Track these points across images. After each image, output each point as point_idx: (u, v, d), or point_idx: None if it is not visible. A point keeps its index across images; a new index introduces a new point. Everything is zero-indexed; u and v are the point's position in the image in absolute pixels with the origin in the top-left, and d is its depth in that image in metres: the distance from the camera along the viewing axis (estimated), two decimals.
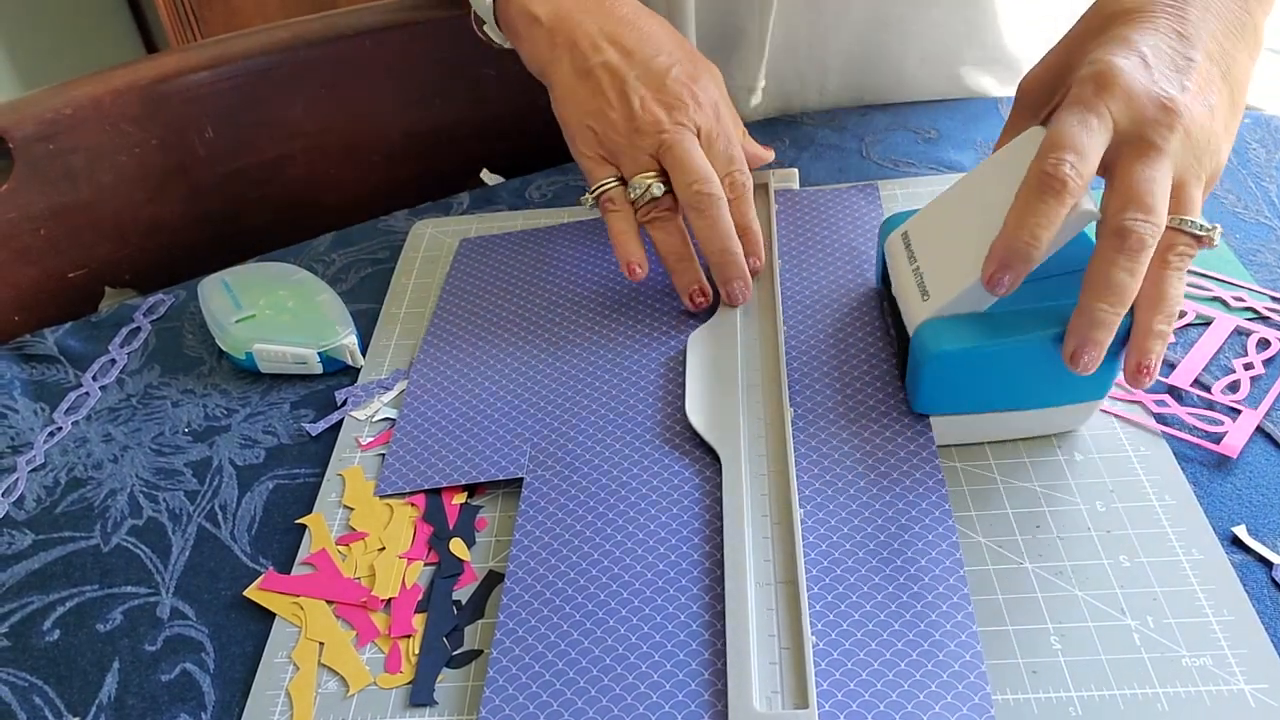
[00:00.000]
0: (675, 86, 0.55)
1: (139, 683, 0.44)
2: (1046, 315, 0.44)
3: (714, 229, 0.53)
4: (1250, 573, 0.42)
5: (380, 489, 0.50)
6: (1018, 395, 0.46)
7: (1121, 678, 0.39)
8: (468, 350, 0.58)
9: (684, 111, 0.55)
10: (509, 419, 0.52)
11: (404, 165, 0.85)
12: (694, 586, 0.43)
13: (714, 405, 0.50)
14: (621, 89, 0.55)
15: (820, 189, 0.65)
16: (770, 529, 0.44)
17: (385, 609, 0.45)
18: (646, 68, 0.56)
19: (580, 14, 0.57)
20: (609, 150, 0.56)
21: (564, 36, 0.57)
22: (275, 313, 0.60)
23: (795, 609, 0.41)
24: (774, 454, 0.47)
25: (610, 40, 0.57)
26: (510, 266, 0.64)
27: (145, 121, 0.74)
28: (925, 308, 0.46)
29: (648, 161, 0.55)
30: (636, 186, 0.54)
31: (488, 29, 0.62)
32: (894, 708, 0.38)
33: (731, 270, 0.54)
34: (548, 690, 0.40)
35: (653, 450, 0.49)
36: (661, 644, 0.41)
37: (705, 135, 0.55)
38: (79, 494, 0.54)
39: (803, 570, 0.42)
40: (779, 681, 0.38)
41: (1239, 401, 0.50)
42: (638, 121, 0.54)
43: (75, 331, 0.66)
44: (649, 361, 0.54)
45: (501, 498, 0.50)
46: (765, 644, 0.40)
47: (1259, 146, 0.68)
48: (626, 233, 0.55)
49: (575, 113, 0.56)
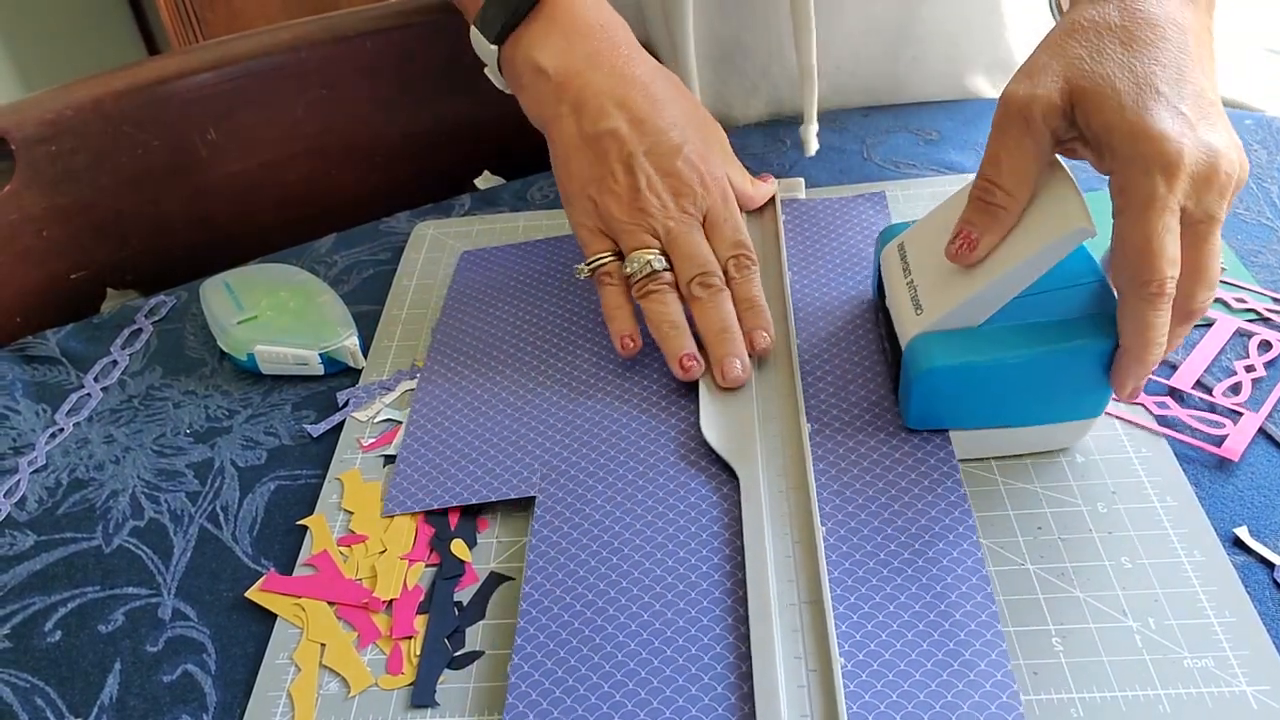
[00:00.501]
0: (685, 170, 0.53)
1: (140, 684, 0.44)
2: (1041, 332, 0.44)
3: (714, 313, 0.51)
4: (1252, 574, 0.42)
5: (388, 509, 0.49)
6: (1010, 412, 0.46)
7: (1123, 679, 0.39)
8: (472, 367, 0.56)
9: (691, 199, 0.53)
10: (518, 436, 0.51)
11: (405, 166, 0.85)
12: (716, 608, 0.42)
13: (729, 421, 0.49)
14: (628, 163, 0.53)
15: (827, 199, 0.65)
16: (791, 548, 0.43)
17: (387, 610, 0.45)
18: (657, 142, 0.53)
19: (590, 71, 0.54)
20: (606, 223, 0.54)
21: (572, 94, 0.54)
22: (277, 314, 0.60)
23: (822, 629, 0.39)
24: (792, 470, 0.46)
25: (620, 105, 0.54)
26: (512, 281, 0.62)
27: (147, 123, 0.74)
28: (918, 322, 0.46)
29: (647, 239, 0.53)
30: (635, 260, 0.52)
31: (488, 72, 0.60)
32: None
33: (727, 348, 0.51)
34: (569, 717, 0.39)
35: (667, 467, 0.48)
36: (686, 668, 0.40)
37: (710, 220, 0.54)
38: (81, 495, 0.54)
39: (828, 590, 0.41)
40: (808, 705, 0.37)
41: (1241, 404, 0.50)
42: (642, 202, 0.52)
43: (77, 333, 0.66)
44: (660, 377, 0.53)
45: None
46: (792, 666, 0.39)
47: (1260, 148, 0.68)
48: (622, 307, 0.53)
49: (575, 179, 0.54)
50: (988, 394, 0.45)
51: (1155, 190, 0.39)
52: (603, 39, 0.56)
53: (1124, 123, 0.40)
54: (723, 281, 0.52)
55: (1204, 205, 0.40)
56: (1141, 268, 0.40)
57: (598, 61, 0.55)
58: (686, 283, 0.52)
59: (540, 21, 0.56)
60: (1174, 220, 0.40)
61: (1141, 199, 0.39)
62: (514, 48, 0.56)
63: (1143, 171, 0.39)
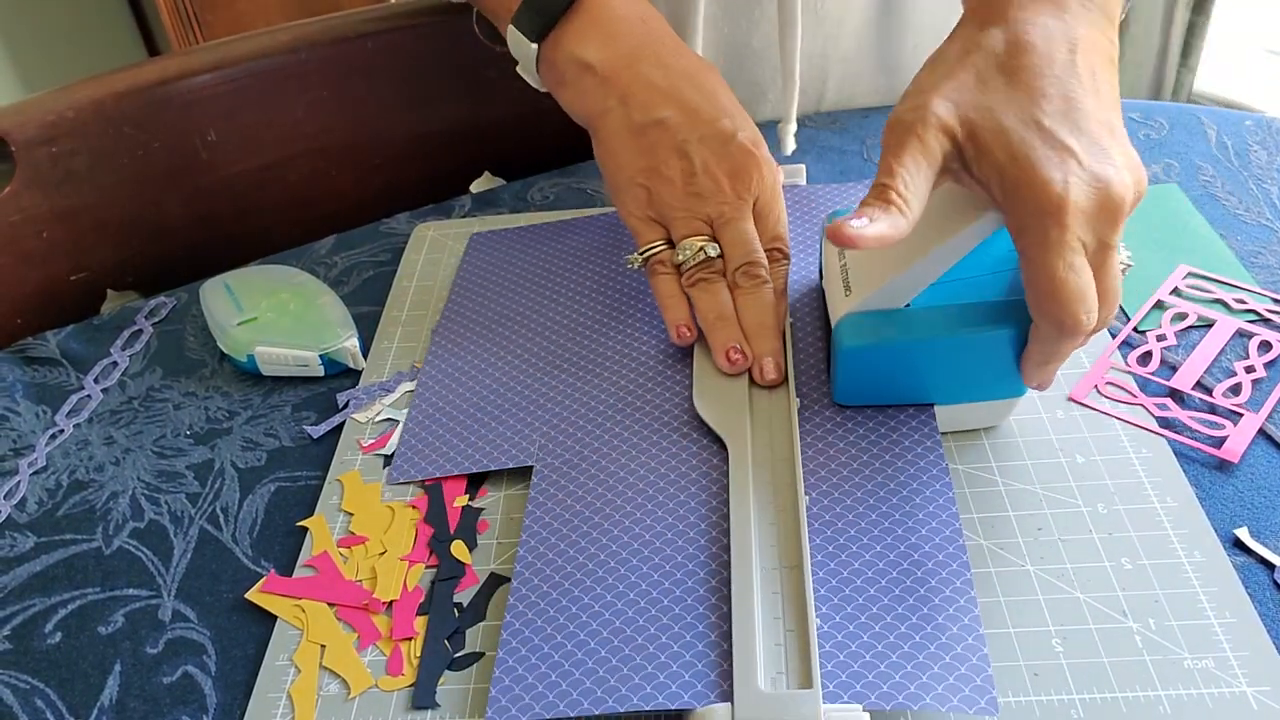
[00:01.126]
0: (740, 154, 0.53)
1: (140, 685, 0.44)
2: (964, 313, 0.45)
3: (756, 305, 0.52)
4: (1252, 575, 0.42)
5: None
6: (934, 390, 0.48)
7: (1123, 680, 0.39)
8: (478, 341, 0.58)
9: (747, 183, 0.53)
10: (519, 408, 0.53)
11: (406, 167, 0.85)
12: (701, 571, 0.43)
13: (721, 395, 0.50)
14: (682, 149, 0.53)
15: (827, 186, 0.66)
16: (776, 515, 0.45)
17: (387, 611, 0.45)
18: (710, 129, 0.53)
19: (637, 64, 0.54)
20: (658, 211, 0.54)
21: (620, 87, 0.54)
22: (277, 315, 0.60)
23: (800, 592, 0.41)
24: (780, 442, 0.48)
25: (669, 95, 0.54)
26: (520, 259, 0.64)
27: (147, 124, 0.74)
28: (847, 302, 0.47)
29: (700, 225, 0.53)
30: (688, 247, 0.52)
31: (521, 70, 0.59)
32: (897, 688, 0.38)
33: (767, 349, 0.51)
34: (556, 671, 0.41)
35: (660, 439, 0.50)
36: (669, 626, 0.42)
37: (760, 208, 0.54)
38: (81, 496, 0.54)
39: (808, 555, 0.42)
40: (784, 663, 0.39)
41: (1241, 405, 0.50)
42: (696, 186, 0.53)
43: (77, 334, 0.66)
44: (657, 352, 0.55)
45: (504, 500, 0.50)
46: (770, 626, 0.40)
47: (1260, 149, 0.68)
48: (675, 295, 0.53)
49: (625, 169, 0.54)
50: (908, 372, 0.47)
51: (1048, 235, 0.39)
52: (644, 32, 0.56)
53: (1010, 170, 0.40)
54: (769, 273, 0.53)
55: (1098, 235, 0.40)
56: (1052, 308, 0.40)
57: (642, 54, 0.55)
58: (734, 270, 0.53)
59: (580, 18, 0.56)
60: (1076, 257, 0.40)
61: (1038, 244, 0.40)
62: (554, 46, 0.56)
63: (1034, 217, 0.39)
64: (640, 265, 0.55)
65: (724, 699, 0.38)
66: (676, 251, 0.53)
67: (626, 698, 0.39)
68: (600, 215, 0.67)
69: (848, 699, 0.38)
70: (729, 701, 0.38)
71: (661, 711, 0.40)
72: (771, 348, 0.51)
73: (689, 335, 0.53)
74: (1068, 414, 0.50)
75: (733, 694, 0.38)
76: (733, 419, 0.49)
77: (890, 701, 0.37)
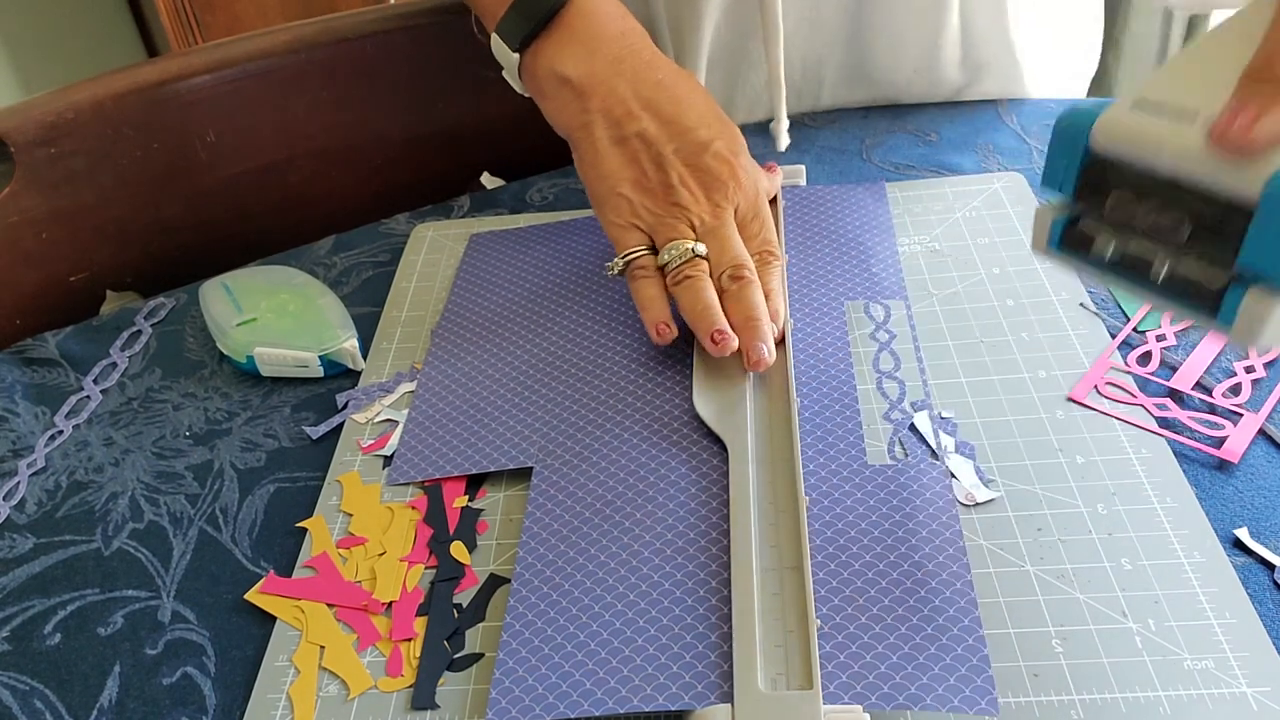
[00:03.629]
0: (715, 164, 0.54)
1: (140, 686, 0.44)
2: None
3: (743, 304, 0.52)
4: (1252, 575, 0.42)
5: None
6: None
7: (1123, 681, 0.39)
8: (477, 342, 0.58)
9: (723, 193, 0.54)
10: (518, 409, 0.53)
11: (405, 168, 0.85)
12: (701, 572, 0.43)
13: (721, 395, 0.50)
14: (659, 161, 0.54)
15: (827, 186, 0.66)
16: (776, 516, 0.45)
17: (386, 612, 0.45)
18: (685, 140, 0.54)
19: (615, 78, 0.55)
20: (642, 219, 0.54)
21: (597, 100, 0.55)
22: (276, 316, 0.60)
23: (800, 593, 0.41)
24: (780, 443, 0.48)
25: (646, 107, 0.55)
26: (520, 260, 0.64)
27: (146, 125, 0.74)
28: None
29: (686, 230, 0.53)
30: (675, 247, 0.53)
31: (507, 76, 0.59)
32: (898, 689, 0.38)
33: (757, 335, 0.51)
34: (556, 672, 0.41)
35: (661, 440, 0.50)
36: (669, 627, 0.42)
37: (742, 214, 0.54)
38: (80, 497, 0.54)
39: (808, 556, 0.42)
40: (784, 664, 0.39)
41: (1240, 405, 0.50)
42: (676, 196, 0.53)
43: (76, 335, 0.66)
44: (657, 353, 0.55)
45: (503, 500, 0.50)
46: (771, 627, 0.40)
47: None
48: (656, 298, 0.53)
49: (607, 180, 0.55)
50: None
51: None
52: (623, 46, 0.56)
53: None
54: (754, 273, 0.53)
55: None
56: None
57: (620, 68, 0.55)
58: (720, 274, 0.53)
59: (561, 31, 0.56)
60: None
61: None
62: (535, 57, 0.56)
63: None
64: (620, 271, 0.55)
65: (724, 700, 0.38)
66: (661, 253, 0.54)
67: (626, 699, 0.39)
68: None
69: (848, 700, 0.38)
70: (729, 702, 0.38)
71: (661, 712, 0.40)
72: (760, 336, 0.51)
73: (668, 332, 0.53)
74: (1067, 414, 0.50)
75: (733, 695, 0.38)
76: (733, 419, 0.49)
77: (891, 702, 0.37)
